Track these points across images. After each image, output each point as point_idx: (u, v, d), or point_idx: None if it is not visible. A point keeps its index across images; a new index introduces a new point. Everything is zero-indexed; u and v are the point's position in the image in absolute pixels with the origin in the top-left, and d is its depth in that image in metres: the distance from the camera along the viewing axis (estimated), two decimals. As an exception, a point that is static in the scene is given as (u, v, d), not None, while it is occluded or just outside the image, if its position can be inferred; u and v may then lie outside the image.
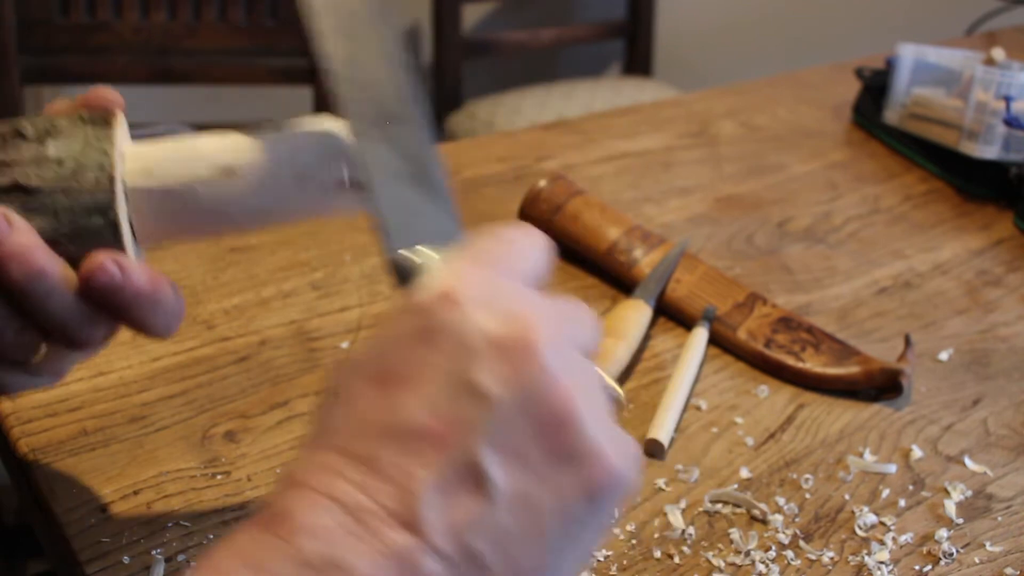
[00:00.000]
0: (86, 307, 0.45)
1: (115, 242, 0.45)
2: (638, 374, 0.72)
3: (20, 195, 0.45)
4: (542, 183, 0.84)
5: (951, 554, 0.59)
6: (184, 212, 0.47)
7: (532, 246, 0.39)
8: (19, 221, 0.43)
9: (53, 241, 0.44)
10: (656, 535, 0.59)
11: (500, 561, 0.33)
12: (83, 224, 0.45)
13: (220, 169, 0.47)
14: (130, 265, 0.45)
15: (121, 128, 0.48)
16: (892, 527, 0.61)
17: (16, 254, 0.43)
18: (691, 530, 0.59)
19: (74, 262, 0.44)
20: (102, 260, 0.44)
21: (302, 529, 0.32)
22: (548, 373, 0.34)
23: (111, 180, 0.45)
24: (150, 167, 0.47)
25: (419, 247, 0.40)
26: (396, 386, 0.35)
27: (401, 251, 0.40)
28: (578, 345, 0.37)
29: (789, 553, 0.58)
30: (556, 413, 0.34)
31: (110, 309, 0.45)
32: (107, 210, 0.45)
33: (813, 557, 0.58)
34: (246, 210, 0.47)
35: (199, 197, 0.47)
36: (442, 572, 0.33)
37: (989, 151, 0.95)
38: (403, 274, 0.39)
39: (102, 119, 0.47)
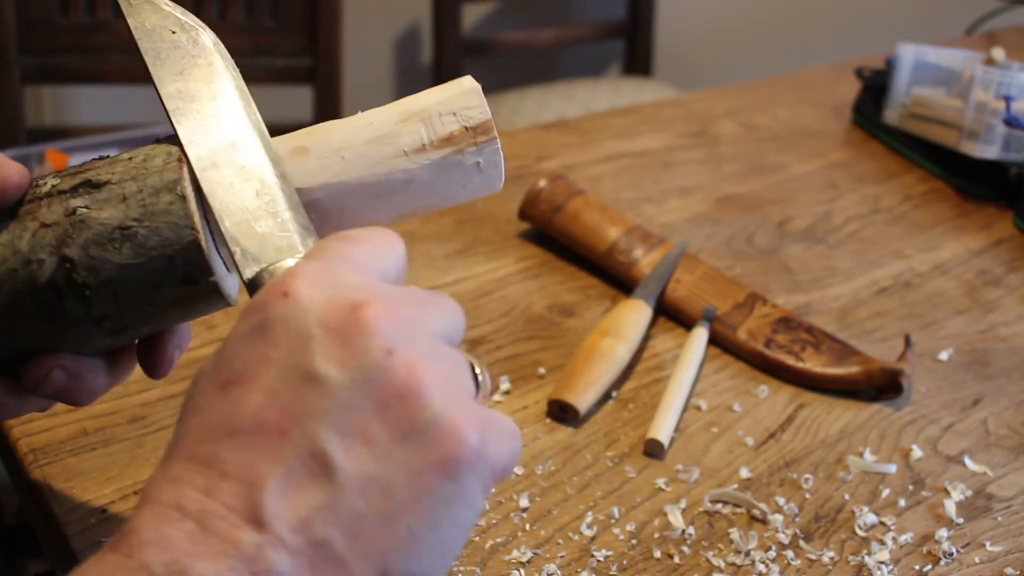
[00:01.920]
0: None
1: (185, 220, 0.44)
2: (638, 374, 0.72)
3: (88, 189, 0.44)
4: (542, 183, 0.84)
5: (951, 554, 0.59)
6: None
7: (381, 244, 0.38)
8: None
9: (124, 228, 0.43)
10: (656, 535, 0.59)
11: (353, 548, 0.32)
12: (152, 204, 0.44)
13: (292, 149, 0.46)
14: (79, 368, 0.45)
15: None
16: (892, 527, 0.61)
17: None
18: (691, 530, 0.59)
19: (147, 250, 0.43)
20: (48, 369, 0.44)
21: (146, 543, 0.32)
22: (384, 349, 0.34)
23: (179, 161, 0.44)
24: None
25: (271, 264, 0.40)
26: (236, 385, 0.34)
27: (254, 271, 0.40)
28: (432, 328, 0.36)
29: (789, 553, 0.58)
30: (396, 387, 0.34)
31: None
32: (175, 186, 0.44)
33: (813, 557, 0.58)
34: (325, 188, 0.46)
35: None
36: (293, 566, 0.32)
37: (989, 151, 0.95)
38: (253, 291, 0.40)
39: (173, 135, 0.47)
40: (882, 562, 0.58)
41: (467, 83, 0.47)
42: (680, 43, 2.22)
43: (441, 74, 1.95)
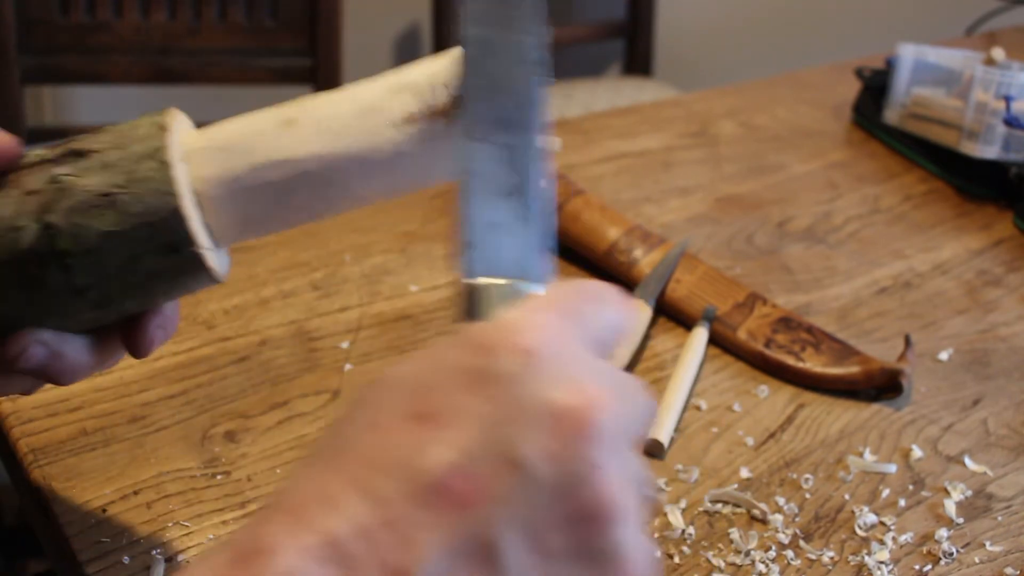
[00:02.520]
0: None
1: (167, 187, 0.43)
2: (638, 374, 0.72)
3: (72, 158, 0.44)
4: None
5: (951, 554, 0.59)
6: (251, 172, 0.44)
7: (615, 307, 0.36)
8: None
9: (106, 194, 0.42)
10: (656, 535, 0.59)
11: None
12: (134, 171, 0.43)
13: (280, 121, 0.45)
14: (60, 345, 0.44)
15: (179, 115, 0.46)
16: (892, 527, 0.61)
17: None
18: (691, 530, 0.59)
19: (130, 217, 0.42)
20: (27, 344, 0.44)
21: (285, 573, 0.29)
22: (595, 464, 0.31)
23: (162, 129, 0.44)
24: (208, 131, 0.45)
25: (498, 280, 0.36)
26: (431, 425, 0.31)
27: (480, 279, 0.36)
28: (633, 432, 0.34)
29: (789, 553, 0.58)
30: (591, 507, 0.31)
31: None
32: (157, 153, 0.43)
33: (813, 557, 0.58)
34: (314, 159, 0.44)
35: (261, 150, 0.44)
36: None
37: (989, 151, 0.95)
38: (474, 304, 0.36)
39: (161, 111, 0.46)
40: (882, 562, 0.58)
41: (458, 54, 0.45)
42: (680, 43, 2.22)
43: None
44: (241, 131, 0.45)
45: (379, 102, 0.45)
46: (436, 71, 0.45)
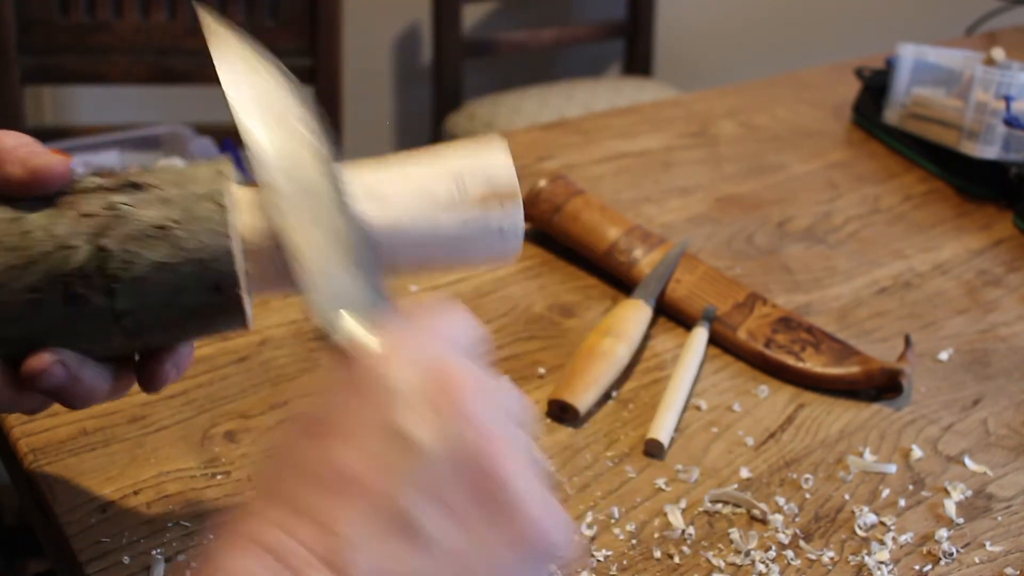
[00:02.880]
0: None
1: (223, 228, 0.44)
2: (638, 374, 0.72)
3: (131, 189, 0.45)
4: (542, 183, 0.84)
5: (951, 554, 0.59)
6: None
7: (462, 320, 0.40)
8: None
9: (162, 227, 0.44)
10: (656, 535, 0.59)
11: None
12: (193, 209, 0.44)
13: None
14: (80, 369, 0.45)
15: (232, 167, 0.48)
16: (892, 527, 0.61)
17: None
18: (691, 530, 0.59)
19: (182, 251, 0.44)
20: (49, 362, 0.45)
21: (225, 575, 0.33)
22: (475, 425, 0.35)
23: (223, 175, 0.45)
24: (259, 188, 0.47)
25: (347, 313, 0.40)
26: (327, 436, 0.35)
27: (329, 314, 0.40)
28: (508, 410, 0.37)
29: (789, 553, 0.58)
30: (482, 465, 0.35)
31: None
32: (218, 196, 0.45)
33: (813, 557, 0.58)
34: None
35: None
36: None
37: (989, 151, 0.95)
38: (330, 336, 0.40)
39: (215, 160, 0.47)
40: (882, 562, 0.58)
41: (498, 148, 0.48)
42: (680, 43, 2.22)
43: (441, 74, 1.95)
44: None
45: (425, 183, 0.47)
46: (474, 162, 0.47)
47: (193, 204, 0.44)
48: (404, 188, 0.47)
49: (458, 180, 0.47)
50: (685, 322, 0.76)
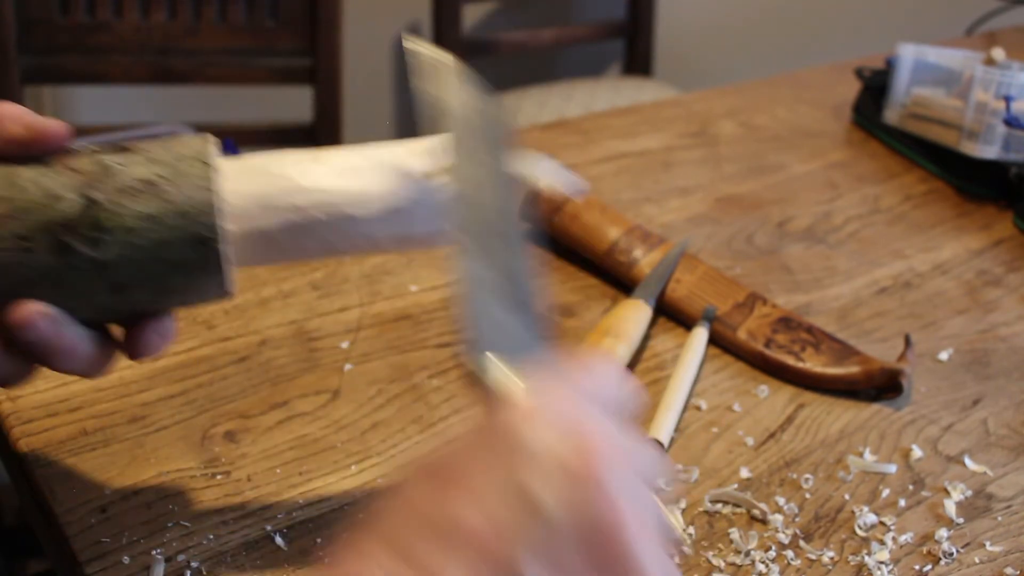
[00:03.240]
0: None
1: (207, 182, 0.46)
2: (638, 374, 0.72)
3: (121, 151, 0.47)
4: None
5: (951, 554, 0.59)
6: (280, 195, 0.48)
7: (612, 377, 0.39)
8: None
9: (149, 181, 0.45)
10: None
11: None
12: (178, 166, 0.46)
13: (310, 158, 0.49)
14: (63, 326, 0.45)
15: (215, 141, 0.50)
16: (892, 527, 0.61)
17: None
18: (691, 530, 0.59)
19: (167, 203, 0.45)
20: (34, 311, 0.45)
21: None
22: (606, 496, 0.34)
23: (208, 143, 0.47)
24: (244, 158, 0.49)
25: (500, 358, 0.39)
26: (451, 485, 0.34)
27: (483, 359, 0.39)
28: (643, 475, 0.36)
29: (789, 553, 0.58)
30: (608, 535, 0.33)
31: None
32: (203, 158, 0.46)
33: (813, 557, 0.58)
34: (339, 191, 0.48)
35: (291, 177, 0.48)
36: None
37: (989, 151, 0.95)
38: (481, 381, 0.39)
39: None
40: (882, 562, 0.58)
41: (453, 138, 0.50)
42: (680, 43, 2.22)
43: (441, 74, 1.94)
44: (274, 159, 0.49)
45: (399, 158, 0.49)
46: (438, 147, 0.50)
47: (180, 162, 0.46)
48: (379, 162, 0.49)
49: (432, 154, 0.49)
50: (685, 322, 0.76)
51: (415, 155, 0.50)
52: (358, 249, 0.50)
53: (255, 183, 0.48)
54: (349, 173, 0.49)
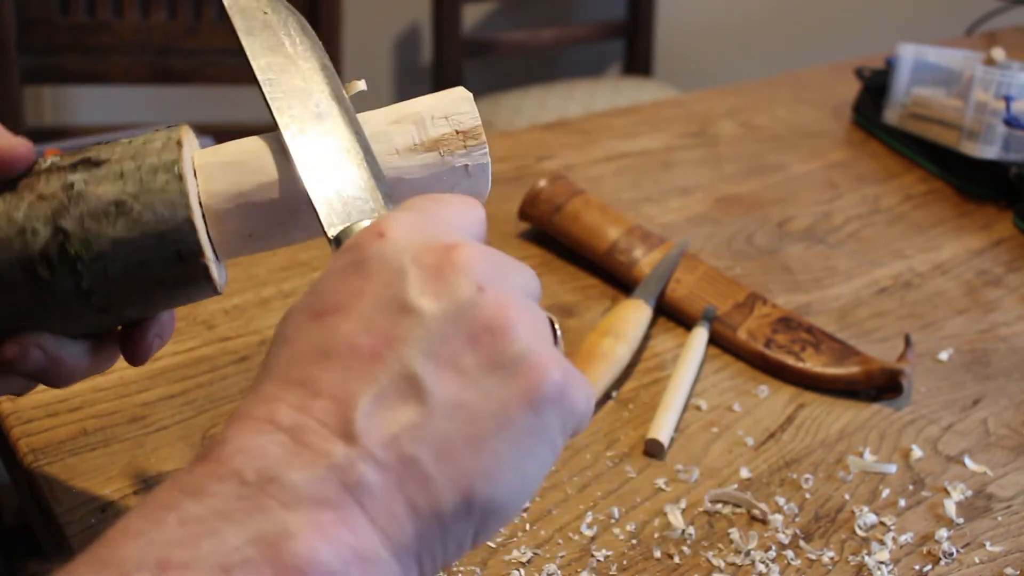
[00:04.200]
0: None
1: (180, 198, 0.44)
2: (638, 374, 0.72)
3: (87, 167, 0.45)
4: (542, 183, 0.84)
5: (951, 554, 0.59)
6: (257, 190, 0.46)
7: (466, 206, 0.40)
8: None
9: (119, 202, 0.44)
10: (656, 535, 0.59)
11: (439, 466, 0.34)
12: (148, 181, 0.44)
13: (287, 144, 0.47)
14: (59, 350, 0.46)
15: (190, 132, 0.48)
16: (892, 527, 0.61)
17: None
18: (691, 530, 0.59)
19: (140, 225, 0.44)
20: (26, 347, 0.45)
21: (237, 451, 0.33)
22: (476, 286, 0.35)
23: (177, 143, 0.45)
24: (219, 148, 0.47)
25: (356, 223, 0.41)
26: (330, 315, 0.35)
27: (339, 229, 0.41)
28: (515, 281, 0.37)
29: (789, 553, 0.58)
30: (487, 321, 0.35)
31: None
32: (172, 167, 0.45)
33: (813, 557, 0.58)
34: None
35: (268, 169, 0.46)
36: (381, 479, 0.33)
37: (989, 151, 0.95)
38: (334, 231, 0.41)
39: (173, 125, 0.48)
40: (882, 562, 0.58)
41: (460, 91, 0.49)
42: (680, 43, 2.23)
43: (441, 74, 1.95)
44: (249, 149, 0.47)
45: (383, 131, 0.47)
46: (436, 104, 0.48)
47: (148, 176, 0.45)
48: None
49: (418, 124, 0.47)
50: (685, 322, 0.76)
51: (403, 123, 0.48)
52: None
53: (231, 180, 0.46)
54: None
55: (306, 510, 0.32)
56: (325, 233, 0.42)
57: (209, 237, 0.46)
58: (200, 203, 0.46)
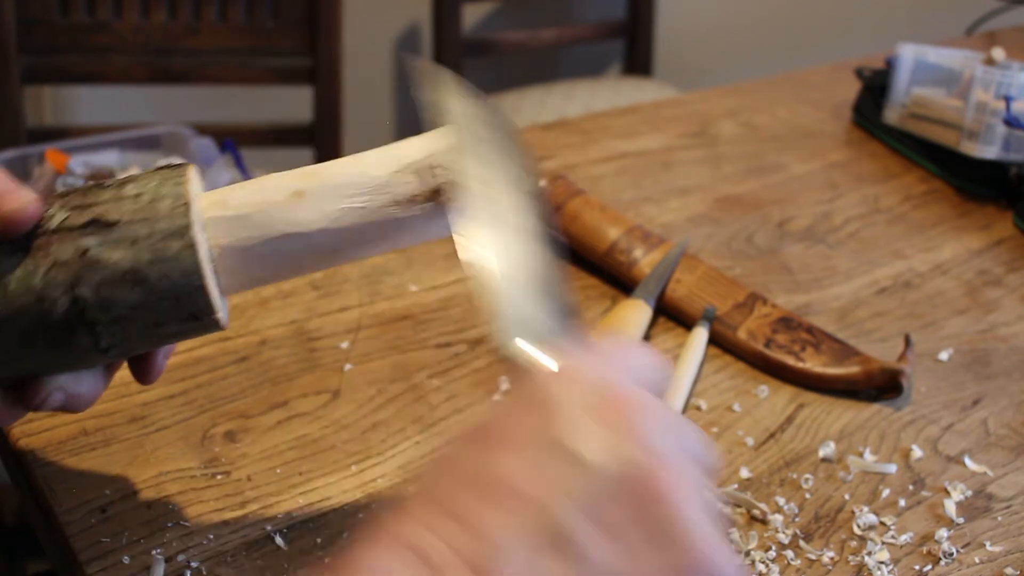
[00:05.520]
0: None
1: (194, 267, 0.46)
2: (638, 374, 0.72)
3: (98, 229, 0.46)
4: (542, 183, 0.84)
5: (951, 554, 0.59)
6: (263, 244, 0.47)
7: (650, 359, 0.39)
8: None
9: (135, 271, 0.45)
10: (656, 535, 0.59)
11: None
12: (162, 249, 0.45)
13: (292, 192, 0.47)
14: (77, 387, 0.48)
15: (195, 176, 0.49)
16: (892, 527, 0.61)
17: None
18: (691, 530, 0.59)
19: (156, 293, 0.45)
20: (48, 393, 0.47)
21: (368, 571, 0.32)
22: (646, 448, 0.34)
23: (186, 205, 0.46)
24: (225, 198, 0.48)
25: (528, 338, 0.40)
26: (495, 447, 0.34)
27: (515, 343, 0.40)
28: (687, 445, 0.36)
29: (789, 553, 0.58)
30: (654, 490, 0.33)
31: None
32: (184, 233, 0.46)
33: (813, 557, 0.58)
34: (323, 233, 0.48)
35: (273, 224, 0.47)
36: None
37: (989, 151, 0.95)
38: (515, 363, 0.39)
39: (176, 168, 0.48)
40: (882, 562, 0.58)
41: (452, 139, 0.48)
42: (680, 43, 2.22)
43: (441, 74, 1.94)
44: (255, 200, 0.48)
45: (385, 182, 0.48)
46: (434, 152, 0.48)
47: (162, 243, 0.46)
48: (363, 191, 0.48)
49: (419, 174, 0.48)
50: (685, 322, 0.76)
51: (404, 173, 0.48)
52: (353, 260, 0.51)
53: (240, 236, 0.47)
54: (335, 211, 0.47)
55: None
56: (498, 343, 0.40)
57: (219, 286, 0.48)
58: (212, 258, 0.47)
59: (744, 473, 0.64)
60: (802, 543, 0.59)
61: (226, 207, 0.47)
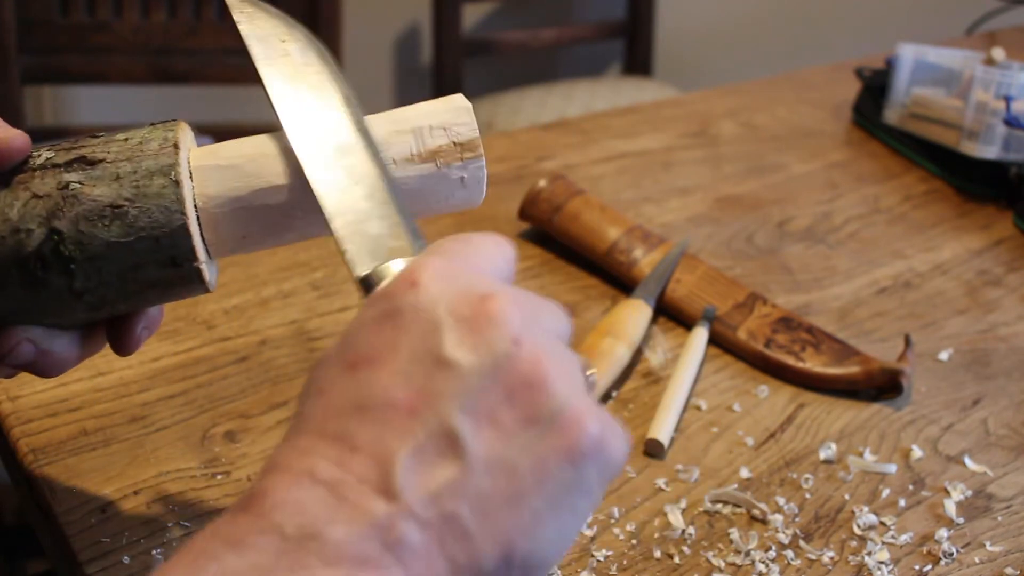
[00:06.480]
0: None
1: (176, 205, 0.44)
2: (638, 374, 0.72)
3: (83, 166, 0.45)
4: (542, 183, 0.84)
5: (951, 554, 0.59)
6: (252, 195, 0.46)
7: (496, 247, 0.39)
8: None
9: (115, 206, 0.44)
10: (656, 535, 0.59)
11: (480, 524, 0.33)
12: (145, 186, 0.44)
13: (284, 147, 0.47)
14: (48, 342, 0.46)
15: (187, 129, 0.48)
16: (892, 527, 0.61)
17: None
18: (691, 530, 0.59)
19: (136, 229, 0.44)
20: (17, 341, 0.45)
21: (277, 505, 0.33)
22: (512, 339, 0.35)
23: (175, 147, 0.45)
24: (216, 150, 0.47)
25: (384, 264, 0.41)
26: (365, 367, 0.35)
27: (366, 270, 0.41)
28: (548, 326, 0.37)
29: (789, 553, 0.58)
30: (524, 375, 0.35)
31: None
32: (169, 171, 0.45)
33: (813, 557, 0.58)
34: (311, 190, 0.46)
35: (264, 174, 0.46)
36: (422, 537, 0.33)
37: (989, 151, 0.95)
38: (371, 288, 0.40)
39: (169, 120, 0.47)
40: (882, 562, 0.58)
41: (459, 100, 0.48)
42: (680, 43, 2.22)
43: (441, 74, 1.95)
44: (246, 152, 0.47)
45: (380, 141, 0.47)
46: (435, 113, 0.48)
47: (145, 180, 0.45)
48: None
49: (416, 134, 0.47)
50: (685, 322, 0.76)
51: (402, 133, 0.47)
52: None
53: (228, 185, 0.46)
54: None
55: (348, 568, 0.32)
56: (351, 271, 0.41)
57: (203, 240, 0.46)
58: (196, 206, 0.46)
59: (744, 473, 0.64)
60: (802, 543, 0.59)
61: (216, 157, 0.47)
